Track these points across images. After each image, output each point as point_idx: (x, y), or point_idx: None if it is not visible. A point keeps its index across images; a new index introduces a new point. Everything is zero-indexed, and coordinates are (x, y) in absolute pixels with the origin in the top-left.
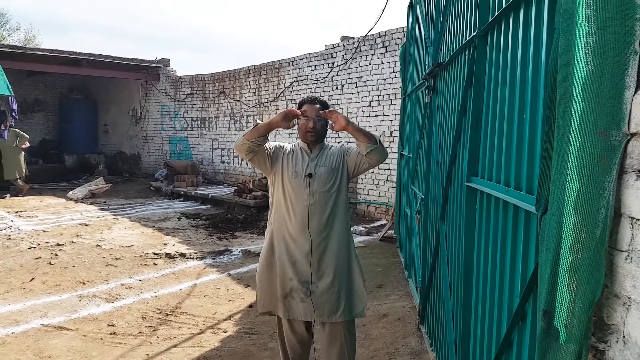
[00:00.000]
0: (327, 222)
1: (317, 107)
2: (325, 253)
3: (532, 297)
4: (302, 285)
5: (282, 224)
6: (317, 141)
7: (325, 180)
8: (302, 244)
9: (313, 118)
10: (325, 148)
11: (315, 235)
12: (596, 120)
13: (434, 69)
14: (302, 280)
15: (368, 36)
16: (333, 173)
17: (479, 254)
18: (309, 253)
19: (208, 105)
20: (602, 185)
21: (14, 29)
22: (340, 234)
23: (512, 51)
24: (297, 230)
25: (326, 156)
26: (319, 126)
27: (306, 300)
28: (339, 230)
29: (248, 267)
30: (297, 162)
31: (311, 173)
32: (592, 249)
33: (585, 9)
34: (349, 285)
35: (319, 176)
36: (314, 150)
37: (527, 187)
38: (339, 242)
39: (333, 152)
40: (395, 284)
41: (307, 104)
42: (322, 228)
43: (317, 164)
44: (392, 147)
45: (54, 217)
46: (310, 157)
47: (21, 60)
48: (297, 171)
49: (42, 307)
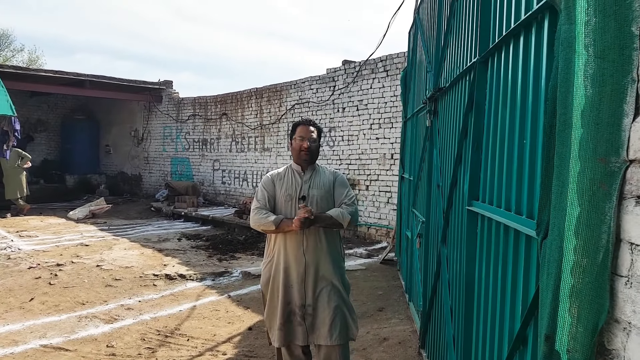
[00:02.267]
0: (322, 245)
1: (312, 130)
2: (319, 276)
3: (533, 322)
4: (299, 309)
5: (280, 249)
6: (310, 161)
7: (319, 203)
8: (297, 267)
9: (307, 138)
10: (318, 170)
11: (309, 258)
12: (596, 146)
13: (434, 93)
14: (298, 304)
15: (369, 60)
16: (326, 196)
17: (480, 278)
18: (303, 276)
19: (210, 126)
20: (603, 210)
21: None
22: (333, 257)
23: (513, 77)
24: (293, 253)
25: (320, 178)
26: (313, 147)
27: (303, 324)
28: (333, 253)
29: (248, 289)
30: (290, 184)
31: (305, 195)
32: (594, 274)
33: (584, 38)
34: (343, 308)
35: (312, 198)
36: (307, 172)
37: (527, 212)
38: (333, 265)
39: (326, 175)
40: (396, 307)
41: (302, 125)
42: (316, 251)
43: (310, 185)
44: (393, 170)
45: (54, 237)
46: (303, 179)
47: (24, 81)
48: (290, 194)
49: (41, 327)
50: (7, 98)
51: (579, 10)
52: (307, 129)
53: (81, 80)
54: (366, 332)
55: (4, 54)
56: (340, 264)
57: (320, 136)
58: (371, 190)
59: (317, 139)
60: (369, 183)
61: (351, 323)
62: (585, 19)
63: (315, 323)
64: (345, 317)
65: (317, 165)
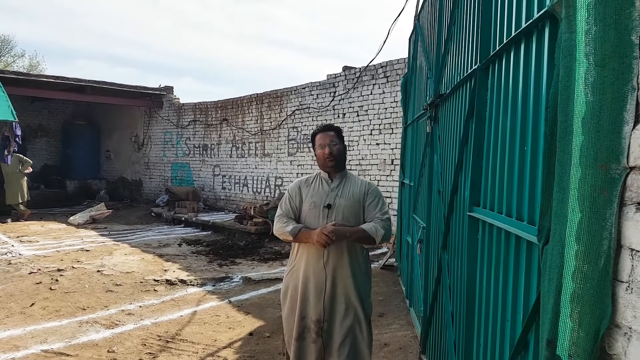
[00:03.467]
0: (345, 258)
1: (331, 134)
2: (337, 292)
3: (535, 327)
4: (315, 324)
5: (302, 258)
6: (337, 167)
7: (346, 213)
8: (317, 280)
9: (328, 144)
10: (348, 178)
11: (330, 271)
12: (596, 153)
13: (435, 99)
14: (314, 319)
15: (369, 66)
16: (354, 206)
17: (481, 283)
18: (323, 290)
19: (210, 132)
20: (604, 217)
21: (19, 55)
22: (356, 273)
23: (513, 85)
24: (313, 265)
25: (350, 187)
26: (335, 150)
27: (317, 341)
28: (355, 269)
29: (248, 294)
30: (317, 192)
31: (330, 204)
32: (596, 280)
33: (584, 47)
34: (356, 330)
35: (339, 207)
36: (335, 179)
37: (529, 218)
38: (355, 282)
39: (356, 183)
40: (396, 313)
41: (320, 133)
42: (339, 264)
43: (337, 194)
44: (393, 175)
45: (55, 242)
46: (330, 186)
47: (25, 87)
48: (315, 201)
49: (42, 332)
50: (8, 103)
51: (579, 20)
52: (326, 135)
53: (82, 85)
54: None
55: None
56: (362, 282)
57: (341, 137)
58: None
59: (339, 142)
60: None
61: (364, 348)
62: (585, 28)
63: (328, 342)
64: (357, 339)
65: (348, 172)
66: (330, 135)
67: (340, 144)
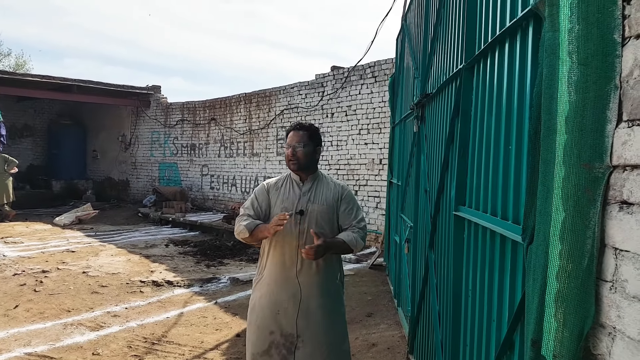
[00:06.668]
0: (319, 268)
1: (300, 133)
2: (312, 304)
3: (520, 327)
4: (285, 339)
5: (270, 268)
6: (302, 170)
7: (319, 220)
8: (288, 291)
9: (294, 145)
10: (320, 180)
11: (304, 281)
12: (580, 152)
13: (422, 99)
14: (285, 333)
15: (357, 66)
16: (328, 212)
17: (467, 283)
18: (294, 302)
19: (198, 131)
20: (588, 216)
21: (5, 54)
22: (330, 284)
23: (498, 84)
24: (284, 274)
25: (322, 191)
26: (298, 153)
27: (288, 358)
28: (330, 280)
29: (236, 295)
30: (287, 196)
31: (302, 210)
32: (580, 279)
33: (567, 45)
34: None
35: (312, 213)
36: (307, 182)
37: (513, 217)
38: (329, 294)
39: (329, 187)
40: (384, 313)
41: (292, 131)
42: (312, 273)
43: (309, 199)
44: (382, 175)
45: (40, 243)
46: (302, 190)
47: (11, 86)
48: (286, 207)
49: (26, 335)
50: None
51: (562, 18)
52: (295, 134)
53: (68, 85)
54: (355, 338)
55: None
56: (338, 294)
57: (313, 138)
58: (360, 196)
59: (307, 142)
60: (358, 188)
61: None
62: (568, 26)
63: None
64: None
65: (320, 174)
66: (299, 135)
67: (309, 146)
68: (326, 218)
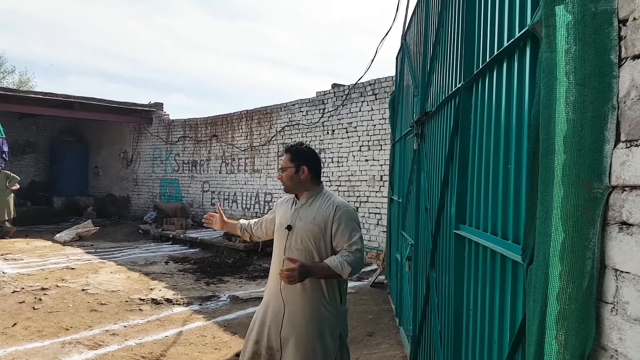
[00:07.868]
0: (305, 289)
1: (284, 157)
2: (292, 321)
3: (521, 348)
4: (266, 351)
5: (269, 280)
6: (290, 191)
7: (304, 237)
8: (276, 304)
9: (281, 168)
10: (318, 198)
11: (287, 295)
12: (578, 172)
13: (421, 117)
14: (268, 344)
15: (358, 84)
16: (314, 230)
17: (469, 303)
18: (278, 316)
19: (200, 148)
20: (587, 236)
21: (9, 71)
22: (315, 303)
23: (496, 103)
24: (275, 287)
25: (313, 209)
26: (282, 177)
27: None
28: (316, 298)
29: (235, 313)
30: (285, 212)
31: (290, 225)
32: (580, 301)
33: (564, 66)
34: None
35: (298, 230)
36: (301, 199)
37: (513, 237)
38: (312, 313)
39: (322, 206)
40: (386, 332)
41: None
42: (296, 292)
43: (298, 215)
44: (382, 192)
45: (40, 260)
46: (295, 206)
47: (14, 103)
48: (282, 222)
49: (24, 353)
50: None
51: (559, 39)
52: (283, 158)
53: (71, 102)
54: (356, 358)
55: None
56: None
57: (295, 158)
58: (361, 212)
59: (288, 165)
60: (359, 205)
61: None
62: (565, 47)
63: None
64: None
65: (322, 192)
66: (283, 158)
67: (290, 169)
68: (311, 236)
